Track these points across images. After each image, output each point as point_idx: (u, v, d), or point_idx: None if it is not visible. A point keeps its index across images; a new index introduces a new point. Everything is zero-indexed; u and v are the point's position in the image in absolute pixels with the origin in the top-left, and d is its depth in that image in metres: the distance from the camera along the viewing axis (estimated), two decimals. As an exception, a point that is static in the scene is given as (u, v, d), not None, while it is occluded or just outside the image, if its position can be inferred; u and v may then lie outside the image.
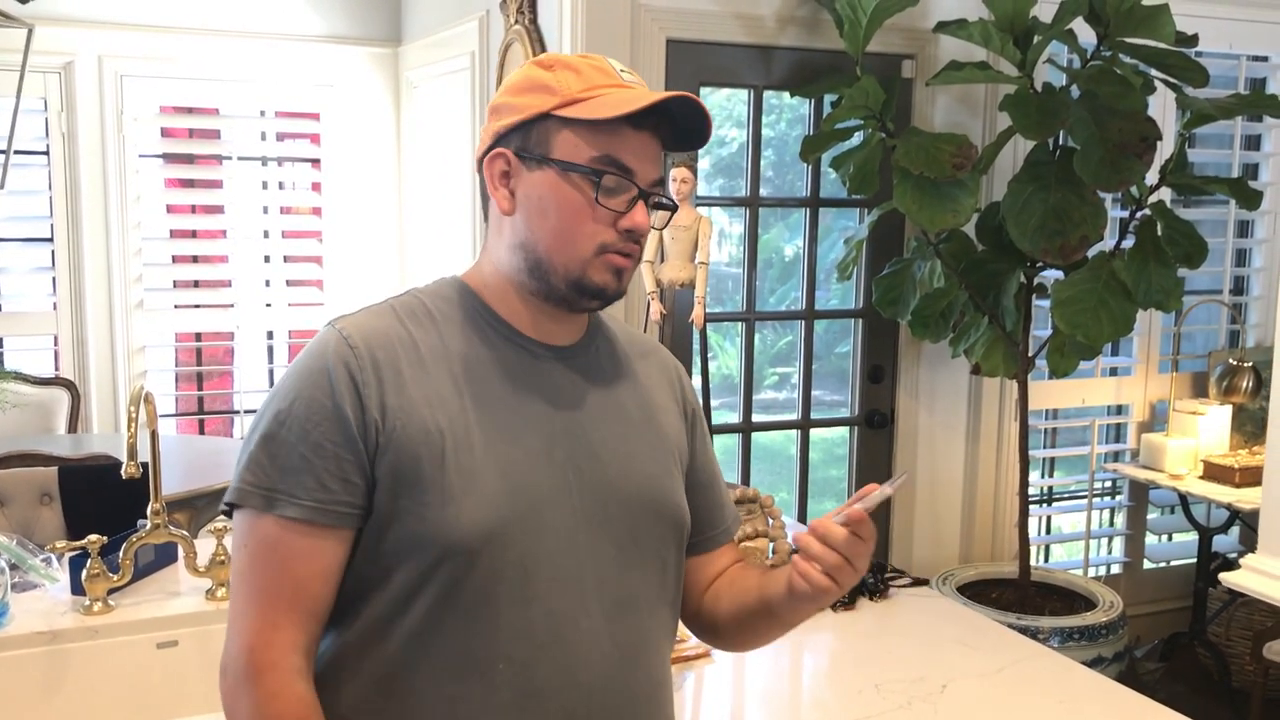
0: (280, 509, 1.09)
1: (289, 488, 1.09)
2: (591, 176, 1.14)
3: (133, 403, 1.93)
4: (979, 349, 3.14)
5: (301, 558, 1.10)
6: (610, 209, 1.15)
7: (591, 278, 1.16)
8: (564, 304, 1.19)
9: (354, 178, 4.39)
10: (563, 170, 1.15)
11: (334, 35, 4.32)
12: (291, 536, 1.10)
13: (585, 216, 1.15)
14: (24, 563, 2.08)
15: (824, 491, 3.90)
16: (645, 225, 1.17)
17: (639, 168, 1.16)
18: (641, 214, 1.17)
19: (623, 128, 1.14)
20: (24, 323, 4.12)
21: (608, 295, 1.18)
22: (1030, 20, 2.91)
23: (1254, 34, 3.84)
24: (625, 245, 1.17)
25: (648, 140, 1.17)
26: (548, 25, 3.11)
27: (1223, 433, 3.77)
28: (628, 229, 1.16)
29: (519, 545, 1.12)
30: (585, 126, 1.14)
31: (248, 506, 1.11)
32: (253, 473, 1.11)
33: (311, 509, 1.09)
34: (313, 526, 1.09)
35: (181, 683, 1.96)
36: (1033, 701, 1.79)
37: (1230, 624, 3.83)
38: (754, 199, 3.28)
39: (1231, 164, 3.99)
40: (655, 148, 1.18)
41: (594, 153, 1.14)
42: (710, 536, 1.35)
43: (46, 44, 3.82)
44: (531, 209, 1.17)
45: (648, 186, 1.17)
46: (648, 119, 1.15)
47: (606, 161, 1.14)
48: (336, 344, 1.14)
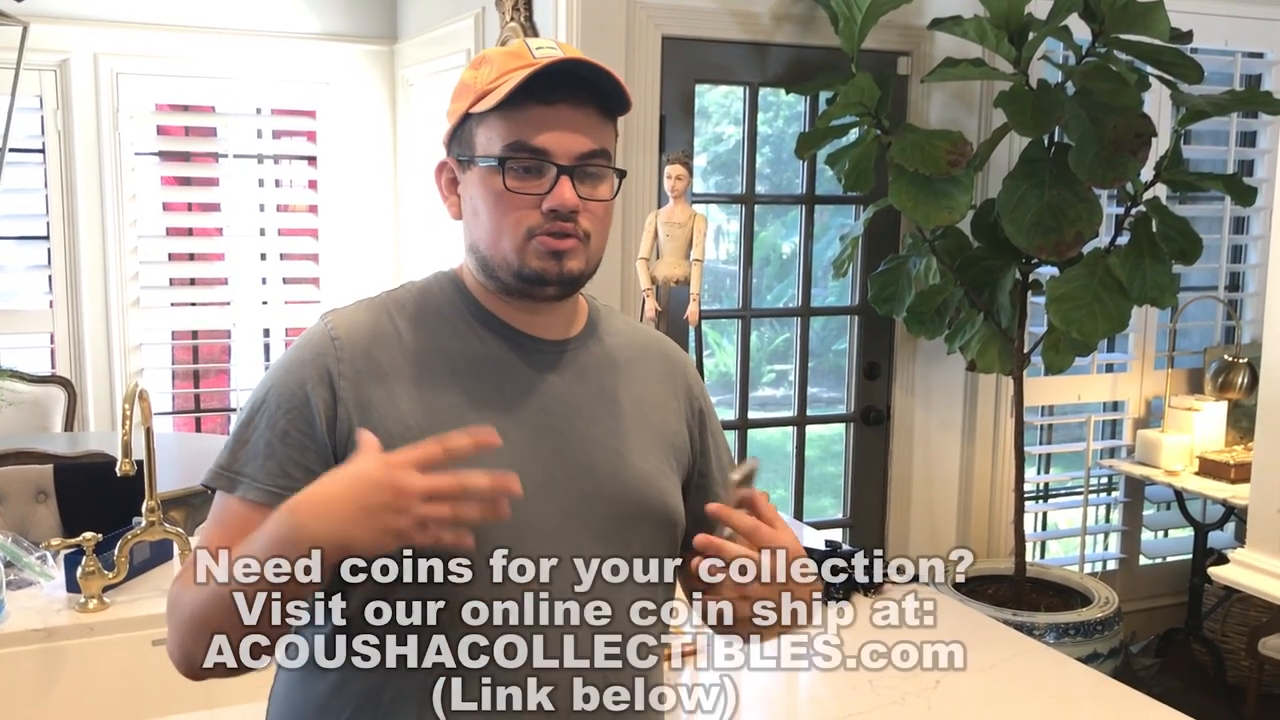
0: (241, 490, 1.13)
1: (252, 471, 1.13)
2: (498, 166, 1.13)
3: (128, 400, 1.93)
4: (974, 345, 3.15)
5: (239, 532, 1.11)
6: (527, 194, 1.13)
7: (529, 264, 1.14)
8: (522, 296, 1.18)
9: (350, 175, 4.38)
10: (480, 166, 1.15)
11: (330, 33, 4.31)
12: (248, 514, 1.11)
13: (507, 206, 1.14)
14: (19, 560, 2.08)
15: (820, 488, 3.90)
16: (570, 201, 1.13)
17: (555, 144, 1.12)
18: (565, 190, 1.13)
19: (532, 107, 1.12)
20: (20, 321, 4.11)
21: (549, 279, 1.15)
22: (1025, 17, 2.91)
23: (1249, 30, 3.84)
24: (552, 225, 1.13)
25: (565, 113, 1.13)
26: (543, 22, 3.10)
27: (1218, 429, 3.77)
28: (550, 209, 1.13)
29: (497, 542, 1.11)
30: (495, 117, 1.13)
31: (216, 487, 1.15)
32: (224, 456, 1.15)
33: (269, 492, 1.11)
34: (268, 509, 1.09)
35: (177, 680, 1.95)
36: (1028, 697, 1.80)
37: (1226, 620, 3.83)
38: (750, 196, 3.28)
39: (1227, 160, 3.99)
40: (579, 117, 1.14)
41: (507, 139, 1.13)
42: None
43: (42, 41, 3.81)
44: (469, 211, 1.19)
45: (572, 160, 1.13)
46: (558, 92, 1.12)
47: (517, 147, 1.12)
48: (320, 337, 1.16)
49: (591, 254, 1.17)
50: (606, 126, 1.17)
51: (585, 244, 1.16)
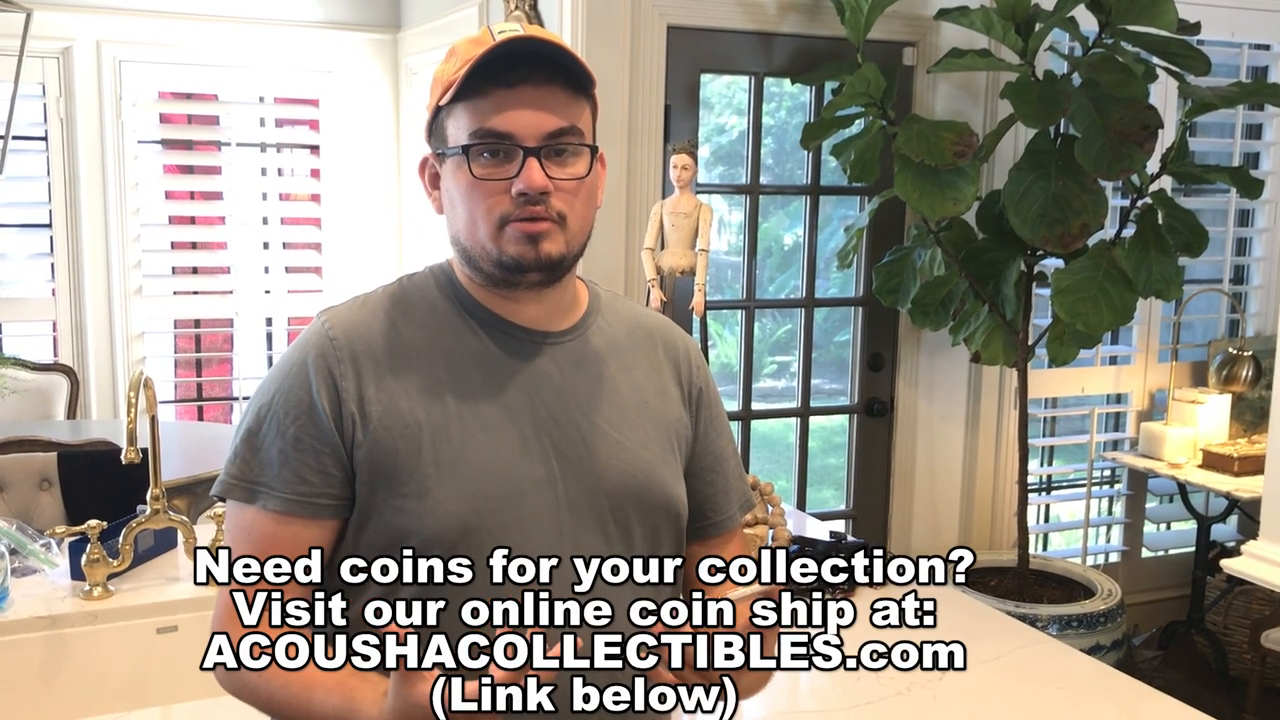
0: (261, 501, 1.13)
1: (269, 481, 1.13)
2: (463, 155, 1.12)
3: (133, 388, 1.93)
4: (979, 337, 3.14)
5: (281, 546, 1.13)
6: (496, 179, 1.11)
7: (506, 251, 1.13)
8: (506, 285, 1.17)
9: (353, 164, 4.38)
10: (451, 157, 1.14)
11: (333, 21, 4.30)
12: (273, 526, 1.13)
13: (479, 195, 1.13)
14: (24, 548, 2.08)
15: (823, 480, 3.91)
16: (538, 182, 1.10)
17: (518, 126, 1.10)
18: (533, 172, 1.10)
19: (494, 91, 1.10)
20: (23, 308, 4.11)
21: (528, 265, 1.13)
22: (1032, 7, 2.90)
23: (1256, 22, 3.83)
24: (523, 210, 1.11)
25: (528, 93, 1.10)
26: (548, 10, 3.09)
27: (1222, 422, 3.77)
28: (519, 192, 1.11)
29: (499, 537, 1.11)
30: (460, 106, 1.12)
31: (232, 498, 1.15)
32: (237, 466, 1.15)
33: (290, 501, 1.12)
34: (291, 518, 1.13)
35: (181, 667, 1.96)
36: (1031, 689, 1.80)
37: (1228, 612, 3.83)
38: (754, 186, 3.28)
39: (1233, 153, 3.98)
40: (543, 96, 1.11)
41: (472, 126, 1.11)
42: (708, 523, 1.30)
43: (45, 29, 3.81)
44: (448, 204, 1.18)
45: (539, 141, 1.11)
46: (519, 72, 1.10)
47: (482, 134, 1.11)
48: (318, 338, 1.16)
49: (572, 236, 1.15)
50: (577, 103, 1.14)
51: (561, 225, 1.13)
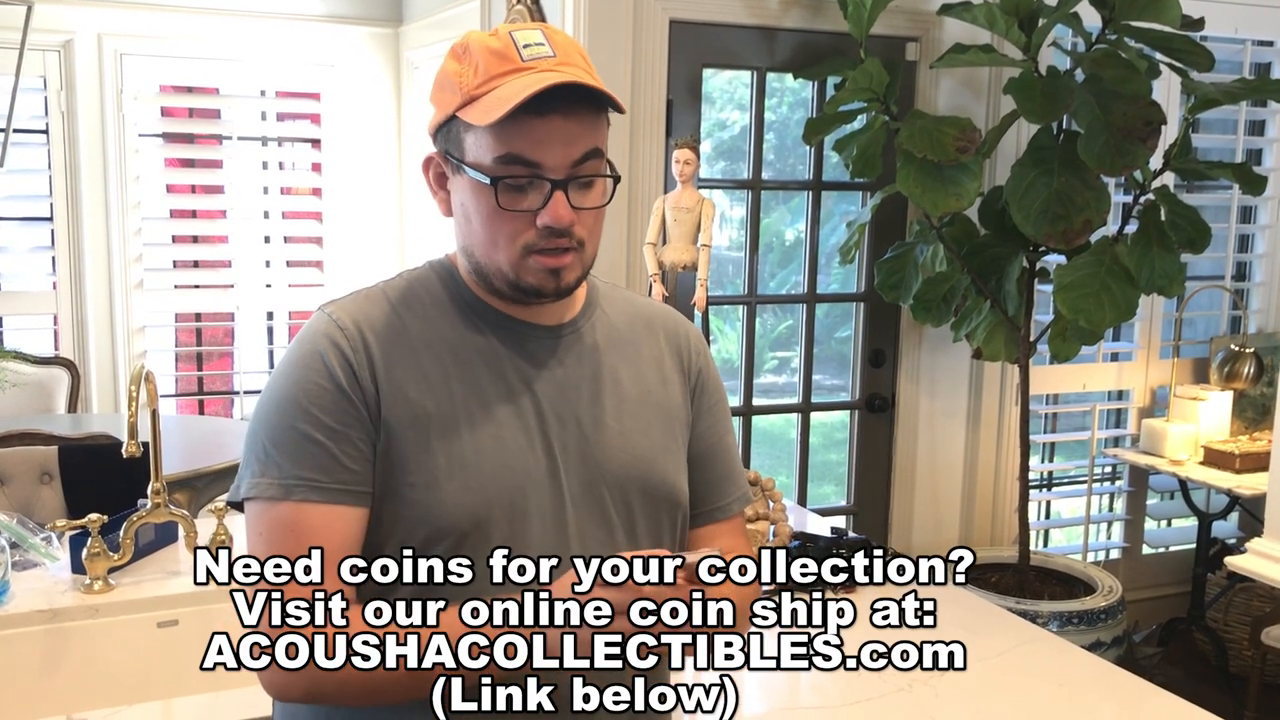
0: (300, 494, 1.08)
1: (308, 474, 1.09)
2: (491, 184, 1.09)
3: (134, 382, 1.93)
4: (980, 333, 3.14)
5: (319, 535, 1.08)
6: (520, 210, 1.10)
7: (525, 280, 1.12)
8: (516, 301, 1.16)
9: (354, 158, 4.37)
10: (471, 176, 1.11)
11: (334, 15, 4.30)
12: (310, 517, 1.09)
13: (502, 220, 1.10)
14: (24, 541, 2.08)
15: (824, 475, 3.90)
16: (566, 218, 1.09)
17: (548, 157, 1.08)
18: (560, 206, 1.09)
19: (523, 118, 1.06)
20: (23, 302, 4.11)
21: (547, 292, 1.13)
22: (1035, 3, 2.89)
23: (1260, 18, 3.82)
24: (549, 242, 1.10)
25: (558, 124, 1.08)
26: (550, 4, 3.09)
27: (1223, 418, 3.76)
28: (546, 225, 1.09)
29: (505, 528, 1.11)
30: (484, 126, 1.08)
31: (263, 499, 1.10)
32: (263, 466, 1.10)
33: (335, 491, 1.09)
34: (333, 507, 1.09)
35: (182, 662, 1.96)
36: (1032, 685, 1.79)
37: (1229, 609, 3.84)
38: (756, 182, 3.27)
39: (1236, 149, 3.98)
40: (569, 126, 1.09)
41: (498, 151, 1.08)
42: (702, 512, 1.30)
43: (46, 22, 3.80)
44: (460, 214, 1.16)
45: (566, 172, 1.09)
46: (551, 104, 1.07)
47: (509, 160, 1.08)
48: (327, 326, 1.14)
49: (587, 258, 1.16)
50: (598, 122, 1.13)
51: (580, 252, 1.14)
